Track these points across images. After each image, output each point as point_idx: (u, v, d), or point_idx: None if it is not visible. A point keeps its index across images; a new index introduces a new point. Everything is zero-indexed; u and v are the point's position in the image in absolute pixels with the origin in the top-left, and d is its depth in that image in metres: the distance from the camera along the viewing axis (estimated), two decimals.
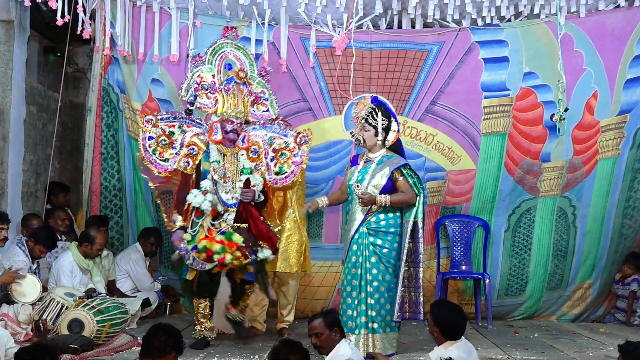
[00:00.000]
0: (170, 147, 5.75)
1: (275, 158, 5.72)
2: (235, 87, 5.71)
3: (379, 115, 5.49)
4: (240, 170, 5.68)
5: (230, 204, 5.63)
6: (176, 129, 5.78)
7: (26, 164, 6.76)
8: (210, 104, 5.76)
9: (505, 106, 6.78)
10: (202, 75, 5.77)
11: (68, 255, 6.22)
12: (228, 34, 5.85)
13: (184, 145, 5.75)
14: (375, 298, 5.44)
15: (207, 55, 5.80)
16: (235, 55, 5.81)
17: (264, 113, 5.83)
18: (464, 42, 6.71)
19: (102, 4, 6.64)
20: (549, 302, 7.24)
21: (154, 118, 5.76)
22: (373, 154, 5.57)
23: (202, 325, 5.74)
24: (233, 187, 5.65)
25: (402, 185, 5.46)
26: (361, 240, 5.47)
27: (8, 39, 6.47)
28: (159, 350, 3.88)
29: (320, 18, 6.69)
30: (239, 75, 5.72)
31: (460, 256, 6.99)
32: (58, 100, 6.91)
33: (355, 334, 5.43)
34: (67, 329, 5.41)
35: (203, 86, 5.75)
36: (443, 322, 4.41)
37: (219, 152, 5.69)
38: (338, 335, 4.49)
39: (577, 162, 6.88)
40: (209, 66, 5.79)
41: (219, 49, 5.80)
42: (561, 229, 7.07)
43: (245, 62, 5.82)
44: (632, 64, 6.68)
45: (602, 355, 5.60)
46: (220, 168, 5.64)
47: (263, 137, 5.74)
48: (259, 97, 5.82)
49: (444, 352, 4.30)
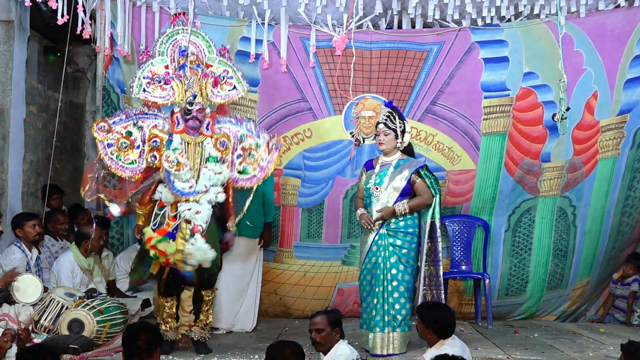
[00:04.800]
0: (133, 148, 5.48)
1: (242, 156, 5.51)
2: (190, 72, 5.50)
3: (397, 119, 5.58)
4: (206, 158, 5.44)
5: (186, 192, 5.33)
6: (132, 127, 5.49)
7: (26, 164, 6.76)
8: (168, 96, 5.50)
9: (505, 106, 6.78)
10: (152, 68, 5.53)
11: (69, 255, 6.22)
12: (176, 20, 5.65)
13: (145, 141, 5.49)
14: (395, 297, 5.50)
15: (156, 47, 5.59)
16: (191, 42, 5.57)
17: (230, 92, 5.60)
18: (464, 42, 6.70)
19: (102, 4, 6.64)
20: (549, 301, 7.25)
21: (107, 124, 5.48)
22: (389, 157, 5.66)
23: (168, 325, 5.50)
24: (192, 175, 5.38)
25: (420, 186, 5.57)
26: (381, 242, 5.54)
27: (8, 39, 6.47)
28: (146, 351, 3.86)
29: (320, 18, 6.69)
30: (189, 58, 5.50)
31: (460, 256, 6.99)
32: (58, 100, 6.91)
33: (375, 333, 5.50)
34: (67, 329, 5.41)
35: (155, 79, 5.51)
36: (435, 322, 4.46)
37: (182, 140, 5.44)
38: (338, 335, 4.55)
39: (577, 162, 6.88)
40: (160, 57, 5.55)
41: (169, 37, 5.59)
42: (561, 229, 7.07)
43: (200, 44, 5.60)
44: (632, 64, 6.68)
45: (602, 355, 5.60)
46: (175, 156, 5.34)
47: (235, 132, 5.53)
48: (221, 77, 5.58)
49: (437, 352, 4.32)
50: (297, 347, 4.11)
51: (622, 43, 6.64)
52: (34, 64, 7.57)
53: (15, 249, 5.98)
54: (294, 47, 6.76)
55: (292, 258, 7.11)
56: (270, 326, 6.55)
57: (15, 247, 5.99)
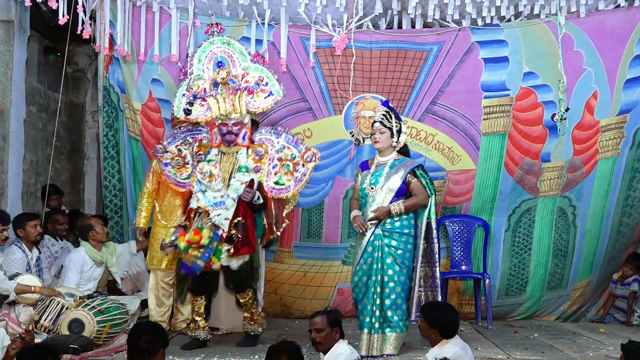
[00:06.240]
0: (185, 164, 5.86)
1: (277, 167, 5.64)
2: (223, 88, 5.64)
3: (393, 118, 5.57)
4: (237, 168, 5.60)
5: (213, 203, 5.51)
6: (183, 145, 5.88)
7: (26, 164, 6.75)
8: (206, 112, 5.69)
9: (505, 106, 6.78)
10: (191, 86, 5.71)
11: (80, 251, 6.24)
12: (210, 30, 5.80)
13: (193, 156, 5.79)
14: (392, 299, 5.48)
15: (194, 65, 5.73)
16: (223, 51, 5.71)
17: (266, 99, 5.70)
18: (464, 42, 6.71)
19: (102, 4, 6.63)
20: (549, 302, 7.25)
21: (162, 146, 5.90)
22: (384, 157, 5.62)
23: (197, 324, 5.70)
24: (223, 186, 5.56)
25: (416, 187, 5.53)
26: (377, 242, 5.51)
27: (8, 39, 6.46)
28: (148, 351, 3.88)
29: (320, 18, 6.69)
30: (220, 76, 5.63)
31: (460, 256, 6.99)
32: (58, 100, 6.91)
33: (371, 334, 5.48)
34: (68, 329, 5.41)
35: (194, 97, 5.68)
36: (439, 322, 4.45)
37: (219, 151, 5.67)
38: (338, 335, 4.55)
39: (577, 162, 6.88)
40: (197, 74, 5.72)
41: (204, 50, 5.73)
42: (561, 229, 7.07)
43: (234, 54, 5.71)
44: (632, 64, 6.68)
45: (602, 355, 5.60)
46: (209, 167, 5.59)
47: (274, 143, 5.68)
48: (256, 86, 5.68)
49: (440, 352, 4.33)
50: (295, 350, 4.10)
51: (622, 43, 6.65)
52: (34, 64, 7.57)
53: (16, 249, 5.97)
54: (294, 47, 6.76)
55: (292, 258, 7.11)
56: (270, 326, 6.54)
57: (15, 247, 5.98)
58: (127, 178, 7.10)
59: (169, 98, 6.79)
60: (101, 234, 6.27)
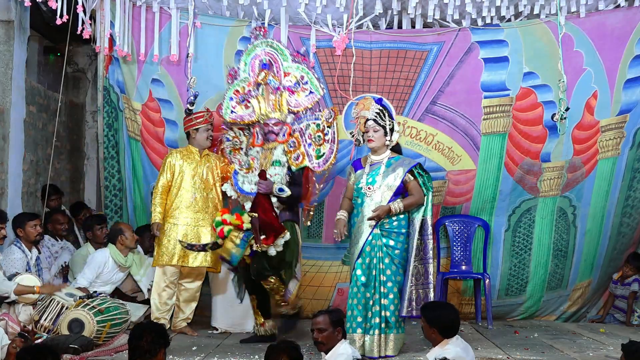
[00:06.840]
0: (239, 149, 6.12)
1: (312, 143, 5.83)
2: (264, 89, 5.87)
3: (387, 116, 5.56)
4: (272, 162, 5.78)
5: (252, 193, 5.73)
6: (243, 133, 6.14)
7: (26, 164, 6.76)
8: (251, 113, 5.93)
9: (505, 106, 6.78)
10: (237, 89, 6.01)
11: (105, 251, 6.31)
12: (256, 34, 6.10)
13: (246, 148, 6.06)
14: (390, 299, 5.47)
15: (240, 68, 6.04)
16: (266, 53, 5.98)
17: (307, 97, 5.94)
18: (464, 42, 6.70)
19: (102, 4, 6.63)
20: (549, 302, 7.25)
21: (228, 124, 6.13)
22: (378, 156, 5.61)
23: (255, 321, 5.93)
24: None
25: (414, 186, 5.53)
26: (375, 242, 5.50)
27: (8, 39, 6.46)
28: (149, 351, 3.89)
29: (320, 18, 6.68)
30: (259, 78, 5.89)
31: (460, 256, 6.99)
32: (58, 100, 6.91)
33: (370, 335, 5.46)
34: (68, 329, 5.42)
35: (239, 99, 5.97)
36: (440, 321, 4.45)
37: (259, 148, 5.89)
38: (340, 335, 4.55)
39: (577, 162, 6.88)
40: (244, 76, 6.01)
41: (249, 53, 6.02)
42: (561, 229, 7.08)
43: (277, 56, 5.97)
44: (632, 64, 6.67)
45: (602, 355, 5.60)
46: (247, 159, 5.83)
47: (300, 128, 5.88)
48: (297, 86, 5.92)
49: (441, 352, 4.33)
50: (294, 350, 4.10)
51: (622, 43, 6.64)
52: (34, 64, 7.57)
53: (15, 249, 5.98)
54: (294, 47, 6.75)
55: None
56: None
57: (15, 247, 5.99)
58: (127, 178, 7.10)
59: (169, 98, 6.79)
60: (130, 239, 6.31)
